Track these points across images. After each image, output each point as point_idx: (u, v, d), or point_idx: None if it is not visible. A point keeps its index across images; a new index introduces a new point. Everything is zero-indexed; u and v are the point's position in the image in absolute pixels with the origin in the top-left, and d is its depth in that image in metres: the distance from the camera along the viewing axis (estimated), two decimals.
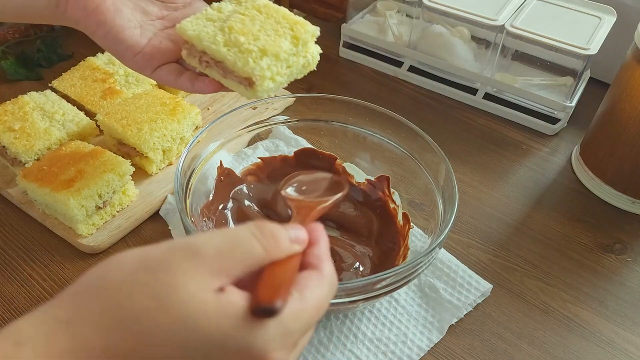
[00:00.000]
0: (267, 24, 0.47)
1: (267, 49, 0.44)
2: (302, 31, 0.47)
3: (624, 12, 0.77)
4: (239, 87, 0.46)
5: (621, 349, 0.53)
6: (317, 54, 0.49)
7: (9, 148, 0.60)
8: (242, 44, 0.44)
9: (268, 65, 0.44)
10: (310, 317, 0.30)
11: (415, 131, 0.57)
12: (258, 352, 0.27)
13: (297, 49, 0.47)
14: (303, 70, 0.49)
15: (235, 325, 0.27)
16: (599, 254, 0.62)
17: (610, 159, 0.66)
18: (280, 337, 0.28)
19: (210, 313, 0.27)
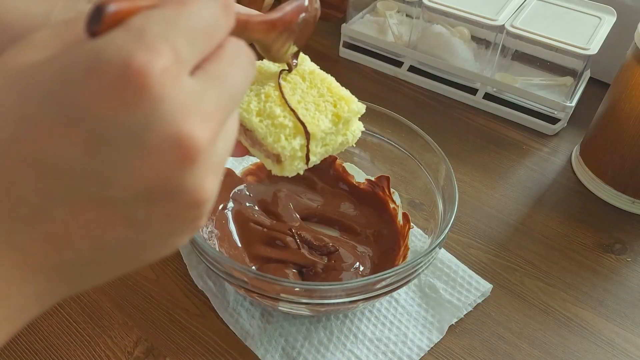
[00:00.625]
0: (308, 95, 0.41)
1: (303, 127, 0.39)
2: (346, 109, 0.41)
3: (624, 12, 0.77)
4: (266, 160, 0.41)
5: (621, 349, 0.53)
6: (359, 131, 0.43)
7: None
8: (277, 116, 0.39)
9: (301, 145, 0.39)
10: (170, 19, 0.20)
11: (415, 131, 0.57)
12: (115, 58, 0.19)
13: (337, 128, 0.41)
14: (340, 147, 0.43)
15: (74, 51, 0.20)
16: (599, 254, 0.62)
17: (611, 159, 0.66)
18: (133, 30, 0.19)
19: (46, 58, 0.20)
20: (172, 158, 0.20)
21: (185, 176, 0.20)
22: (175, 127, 0.19)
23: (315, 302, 0.46)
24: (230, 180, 0.60)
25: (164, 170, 0.20)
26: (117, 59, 0.18)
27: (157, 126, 0.19)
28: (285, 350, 0.50)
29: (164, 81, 0.19)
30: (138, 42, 0.19)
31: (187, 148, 0.20)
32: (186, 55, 0.20)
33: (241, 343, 0.51)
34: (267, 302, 0.48)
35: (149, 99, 0.19)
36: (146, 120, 0.19)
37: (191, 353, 0.50)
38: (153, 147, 0.19)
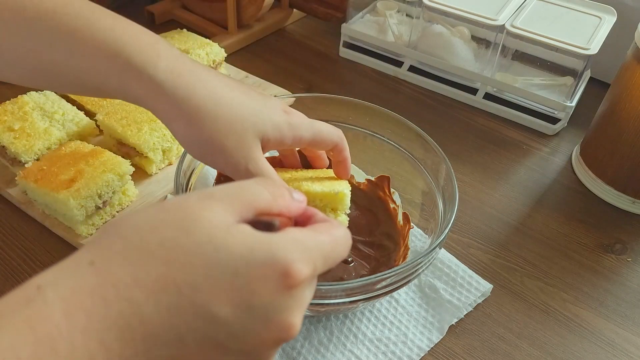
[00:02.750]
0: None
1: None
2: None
3: (624, 12, 0.77)
4: None
5: (621, 349, 0.53)
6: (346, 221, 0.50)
7: (9, 148, 0.60)
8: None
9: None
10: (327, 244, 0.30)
11: (416, 131, 0.57)
12: (284, 261, 0.28)
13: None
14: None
15: (257, 240, 0.28)
16: (599, 254, 0.62)
17: (611, 158, 0.66)
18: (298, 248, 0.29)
19: (232, 233, 0.28)
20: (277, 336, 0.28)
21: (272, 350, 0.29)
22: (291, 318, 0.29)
23: (315, 302, 0.46)
24: (230, 180, 0.60)
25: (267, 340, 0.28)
26: (283, 261, 0.28)
27: (282, 312, 0.28)
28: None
29: (302, 286, 0.29)
30: (299, 254, 0.28)
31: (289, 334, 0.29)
32: (318, 271, 0.30)
33: None
34: None
35: (289, 293, 0.28)
36: (280, 306, 0.28)
37: None
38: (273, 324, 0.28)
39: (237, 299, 0.27)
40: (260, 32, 0.92)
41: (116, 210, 0.60)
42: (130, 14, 0.86)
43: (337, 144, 0.48)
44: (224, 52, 0.78)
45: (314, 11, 0.93)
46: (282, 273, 0.28)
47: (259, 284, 0.27)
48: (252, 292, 0.27)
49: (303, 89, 0.82)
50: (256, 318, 0.27)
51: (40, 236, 0.59)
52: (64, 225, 0.58)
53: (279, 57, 0.89)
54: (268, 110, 0.43)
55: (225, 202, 0.29)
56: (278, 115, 0.44)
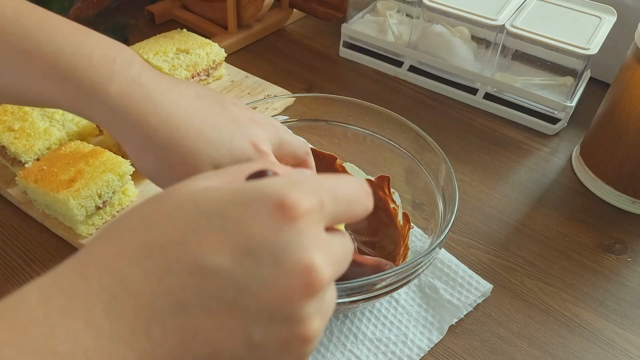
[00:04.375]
0: None
1: None
2: None
3: (624, 12, 0.77)
4: None
5: (621, 349, 0.53)
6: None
7: (9, 148, 0.60)
8: None
9: None
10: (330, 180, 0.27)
11: (416, 131, 0.57)
12: (276, 193, 0.24)
13: None
14: None
15: (243, 185, 0.25)
16: (599, 254, 0.62)
17: (611, 159, 0.66)
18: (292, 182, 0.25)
19: (213, 188, 0.26)
20: (299, 282, 0.24)
21: (303, 305, 0.24)
22: (309, 256, 0.24)
23: None
24: None
25: (290, 291, 0.24)
26: (276, 193, 0.24)
27: (294, 251, 0.24)
28: None
29: (307, 219, 0.24)
30: (293, 187, 0.25)
31: (313, 277, 0.24)
32: (327, 209, 0.26)
33: None
34: None
35: (293, 228, 0.24)
36: (287, 244, 0.24)
37: None
38: (287, 267, 0.24)
39: (231, 244, 0.23)
40: (260, 32, 0.92)
41: (116, 210, 0.60)
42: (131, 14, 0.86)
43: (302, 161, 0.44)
44: (224, 52, 0.78)
45: (314, 11, 0.93)
46: (276, 205, 0.24)
47: (252, 223, 0.24)
48: (247, 233, 0.24)
49: (303, 89, 0.82)
50: (262, 262, 0.23)
51: (40, 236, 0.59)
52: (64, 225, 0.58)
53: (279, 57, 0.89)
54: (230, 144, 0.39)
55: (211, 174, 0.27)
56: (240, 149, 0.39)
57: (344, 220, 0.27)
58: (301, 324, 0.24)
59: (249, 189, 0.25)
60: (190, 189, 0.25)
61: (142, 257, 0.23)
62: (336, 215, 0.26)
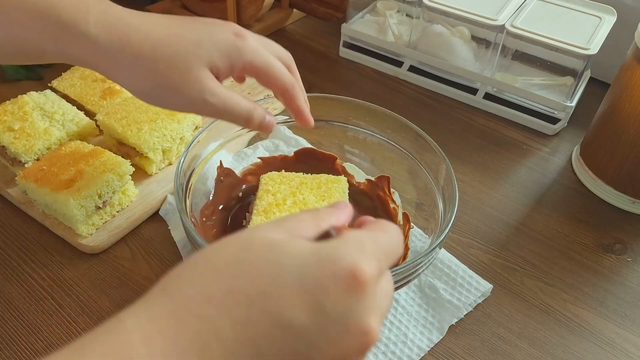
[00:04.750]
0: None
1: None
2: None
3: (624, 12, 0.77)
4: None
5: (621, 349, 0.53)
6: None
7: (9, 148, 0.60)
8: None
9: None
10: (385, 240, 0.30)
11: (416, 131, 0.57)
12: (350, 260, 0.27)
13: None
14: None
15: (318, 245, 0.28)
16: (599, 254, 0.62)
17: (611, 159, 0.66)
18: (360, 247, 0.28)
19: (291, 243, 0.28)
20: (359, 342, 0.27)
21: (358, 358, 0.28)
22: (368, 321, 0.27)
23: None
24: (230, 180, 0.60)
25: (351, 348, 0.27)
26: (349, 261, 0.27)
27: (359, 315, 0.27)
28: None
29: (372, 283, 0.27)
30: (361, 255, 0.28)
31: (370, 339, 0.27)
32: (383, 267, 0.29)
33: None
34: None
35: (362, 293, 0.27)
36: (354, 308, 0.27)
37: None
38: (352, 328, 0.27)
39: (310, 302, 0.26)
40: (260, 32, 0.92)
41: (116, 210, 0.60)
42: None
43: (286, 89, 0.46)
44: None
45: (314, 11, 0.93)
46: (349, 273, 0.27)
47: (329, 284, 0.27)
48: (324, 292, 0.26)
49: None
50: (333, 322, 0.26)
51: (40, 236, 0.59)
52: (63, 225, 0.58)
53: None
54: (212, 38, 0.42)
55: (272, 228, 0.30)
56: (224, 41, 0.42)
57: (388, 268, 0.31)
58: None
59: (326, 251, 0.28)
60: (266, 240, 0.28)
61: (230, 305, 0.25)
62: (387, 267, 0.30)
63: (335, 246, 0.28)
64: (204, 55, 0.42)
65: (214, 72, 0.43)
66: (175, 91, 0.42)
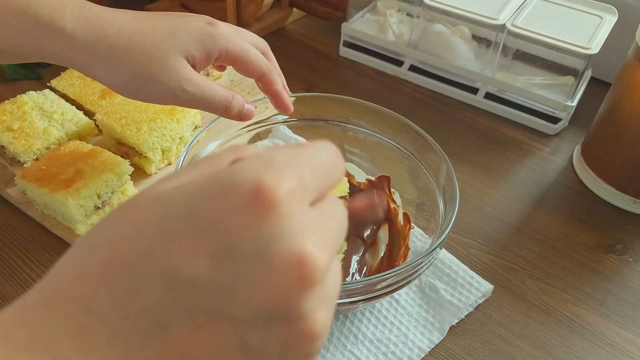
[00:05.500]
0: None
1: None
2: None
3: (625, 12, 0.77)
4: None
5: (622, 349, 0.53)
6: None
7: (8, 148, 0.60)
8: None
9: None
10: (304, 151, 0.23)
11: (416, 131, 0.57)
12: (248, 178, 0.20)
13: None
14: None
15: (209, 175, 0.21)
16: (600, 254, 0.61)
17: (612, 158, 0.66)
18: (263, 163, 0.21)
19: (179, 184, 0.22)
20: (293, 276, 0.20)
21: (302, 299, 0.21)
22: (298, 244, 0.20)
23: None
24: None
25: (284, 287, 0.20)
26: (249, 180, 0.20)
27: (280, 241, 0.20)
28: None
29: (290, 201, 0.20)
30: (268, 167, 0.21)
31: (307, 267, 0.20)
32: (309, 184, 0.22)
33: None
34: None
35: (275, 215, 0.20)
36: (271, 235, 0.20)
37: None
38: (276, 261, 0.20)
39: (209, 246, 0.20)
40: (260, 31, 0.92)
41: None
42: None
43: (263, 73, 0.46)
44: None
45: (314, 10, 0.93)
46: (251, 193, 0.20)
47: (227, 219, 0.20)
48: (223, 231, 0.20)
49: (303, 89, 0.82)
50: (246, 262, 0.20)
51: (39, 236, 0.59)
52: (63, 225, 0.58)
53: (279, 57, 0.88)
54: (185, 27, 0.43)
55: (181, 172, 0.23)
56: (198, 29, 0.43)
57: (324, 191, 0.23)
58: (304, 320, 0.21)
59: (217, 179, 0.21)
60: (158, 190, 0.22)
61: (107, 275, 0.20)
62: (317, 188, 0.23)
63: (230, 170, 0.21)
64: (179, 44, 0.42)
65: (190, 61, 0.43)
66: (152, 81, 0.42)
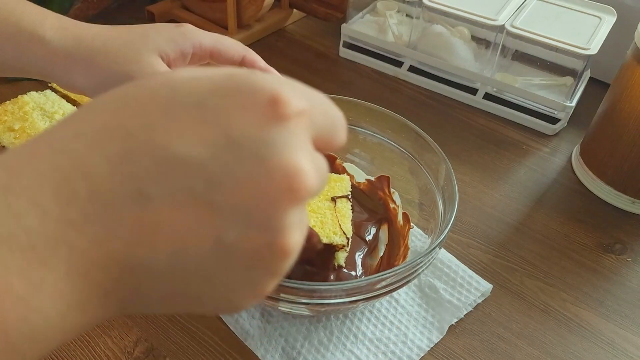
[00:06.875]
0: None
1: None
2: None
3: (624, 12, 0.77)
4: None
5: (621, 349, 0.53)
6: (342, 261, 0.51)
7: (9, 148, 0.60)
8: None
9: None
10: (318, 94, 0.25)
11: (415, 131, 0.57)
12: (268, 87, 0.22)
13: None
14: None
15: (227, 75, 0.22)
16: (599, 254, 0.62)
17: (611, 159, 0.66)
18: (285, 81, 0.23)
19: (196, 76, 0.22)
20: (284, 184, 0.21)
21: (286, 211, 0.21)
22: (297, 159, 0.21)
23: (315, 302, 0.46)
24: None
25: (273, 193, 0.21)
26: (269, 88, 0.21)
27: (282, 151, 0.21)
28: (285, 350, 0.50)
29: (298, 120, 0.22)
30: (287, 86, 0.22)
31: (301, 181, 0.21)
32: (316, 119, 0.23)
33: (241, 343, 0.51)
34: (267, 302, 0.48)
35: (283, 127, 0.21)
36: (275, 142, 0.21)
37: (191, 353, 0.50)
38: (271, 165, 0.21)
39: (207, 134, 0.21)
40: (260, 32, 0.92)
41: None
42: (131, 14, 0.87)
43: (242, 56, 0.47)
44: None
45: (314, 11, 0.93)
46: (268, 100, 0.21)
47: (236, 114, 0.21)
48: (229, 124, 0.21)
49: None
50: (242, 157, 0.20)
51: None
52: None
53: (279, 57, 0.89)
54: (156, 29, 0.45)
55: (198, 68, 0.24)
56: (169, 29, 0.45)
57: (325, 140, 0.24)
58: (281, 233, 0.21)
59: (235, 78, 0.22)
60: (172, 75, 0.22)
61: (103, 139, 0.21)
62: (322, 131, 0.24)
63: (251, 75, 0.22)
64: (151, 43, 0.44)
65: (165, 59, 0.44)
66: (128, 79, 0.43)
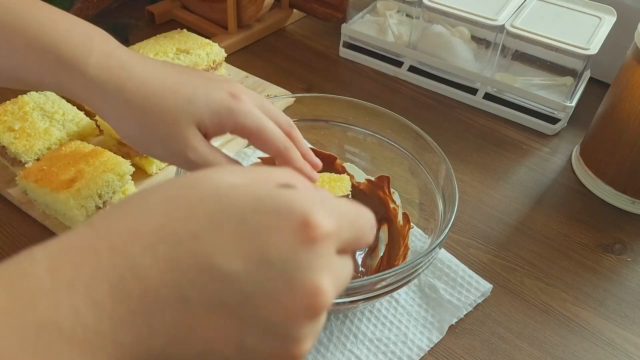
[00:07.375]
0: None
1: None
2: None
3: (624, 12, 0.77)
4: None
5: (621, 349, 0.53)
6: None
7: (9, 148, 0.60)
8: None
9: None
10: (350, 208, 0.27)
11: (415, 131, 0.57)
12: (301, 209, 0.24)
13: None
14: None
15: (268, 189, 0.25)
16: (599, 254, 0.62)
17: (611, 159, 0.66)
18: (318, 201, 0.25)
19: (241, 184, 0.25)
20: (305, 302, 0.24)
21: (302, 325, 0.24)
22: (319, 279, 0.24)
23: None
24: None
25: (294, 310, 0.24)
26: (302, 210, 0.24)
27: (307, 271, 0.24)
28: None
29: (326, 241, 0.24)
30: (320, 205, 0.25)
31: (319, 300, 0.24)
32: (343, 234, 0.26)
33: None
34: None
35: (312, 248, 0.24)
36: (301, 262, 0.24)
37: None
38: (296, 285, 0.23)
39: (248, 250, 0.23)
40: (260, 32, 0.92)
41: None
42: (131, 14, 0.86)
43: (279, 152, 0.44)
44: (224, 52, 0.78)
45: (314, 11, 0.93)
46: (300, 223, 0.24)
47: (272, 234, 0.23)
48: (265, 243, 0.23)
49: (303, 89, 0.82)
50: (274, 276, 0.23)
51: (41, 236, 0.59)
52: (64, 226, 0.58)
53: (279, 57, 0.89)
54: (206, 96, 0.42)
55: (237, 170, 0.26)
56: (218, 100, 0.42)
57: (352, 247, 0.27)
58: (296, 343, 0.24)
59: (276, 197, 0.24)
60: (216, 182, 0.25)
61: (155, 242, 0.23)
62: (347, 242, 0.27)
63: (288, 194, 0.24)
64: (194, 112, 0.41)
65: (202, 129, 0.42)
66: (158, 143, 0.42)
